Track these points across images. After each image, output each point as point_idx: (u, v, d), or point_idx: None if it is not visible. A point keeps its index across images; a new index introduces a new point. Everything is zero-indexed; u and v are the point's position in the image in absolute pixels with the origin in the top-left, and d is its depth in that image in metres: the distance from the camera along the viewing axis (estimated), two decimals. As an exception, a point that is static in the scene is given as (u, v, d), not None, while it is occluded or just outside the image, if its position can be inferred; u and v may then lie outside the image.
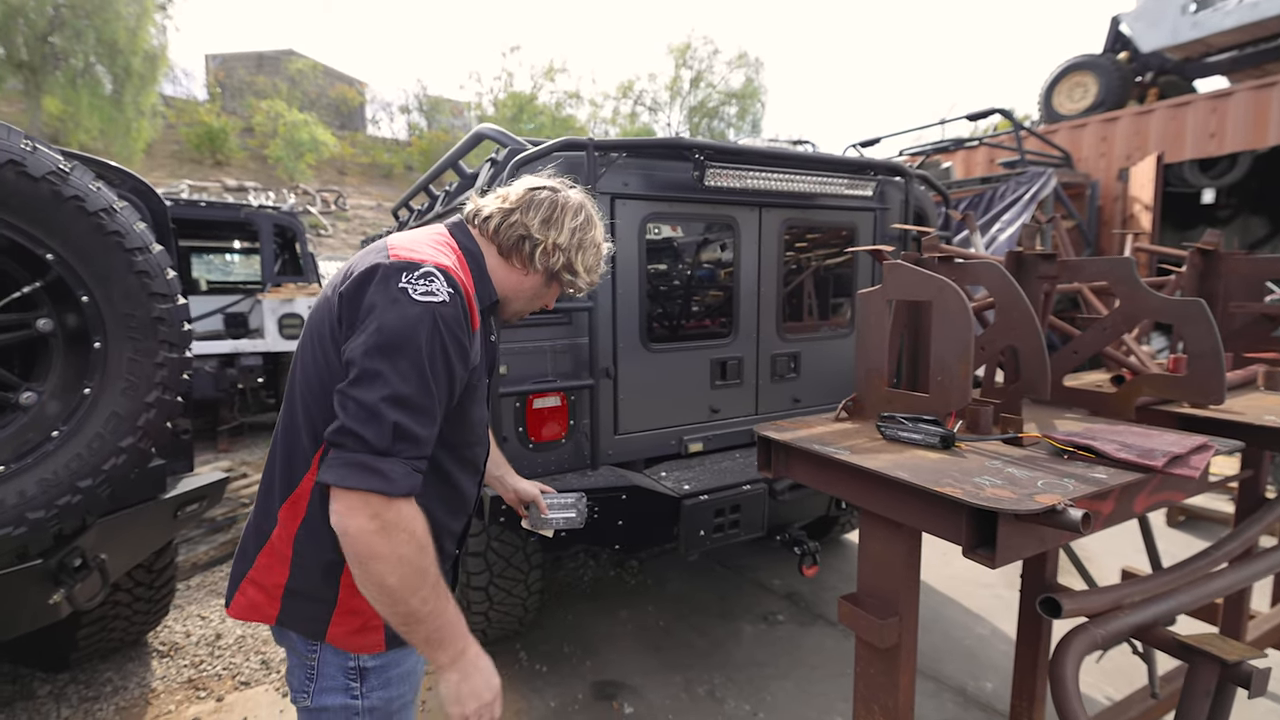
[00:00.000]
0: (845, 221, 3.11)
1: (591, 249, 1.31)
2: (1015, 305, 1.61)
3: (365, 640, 1.19)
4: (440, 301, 1.06)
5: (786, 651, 3.02)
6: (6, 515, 1.96)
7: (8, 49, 17.29)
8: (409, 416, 1.03)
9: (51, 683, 2.84)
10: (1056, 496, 1.22)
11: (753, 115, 33.38)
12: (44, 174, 1.95)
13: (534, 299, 1.35)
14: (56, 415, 2.09)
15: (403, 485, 1.02)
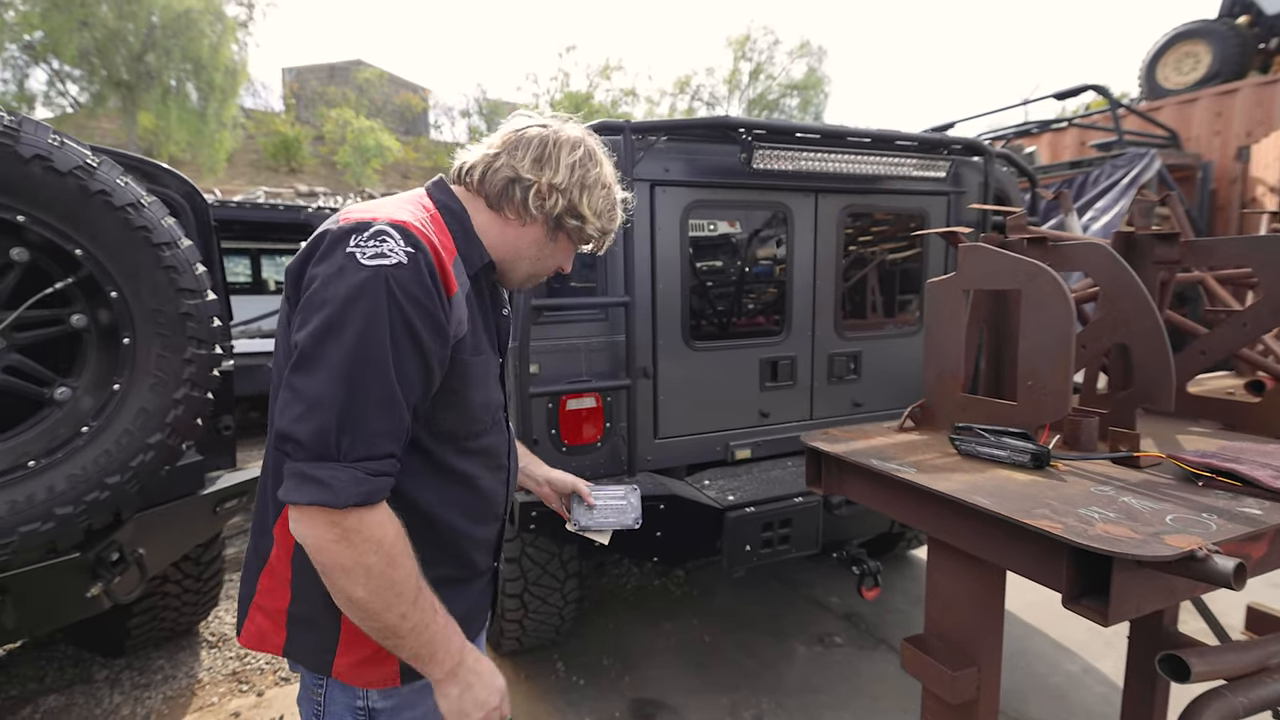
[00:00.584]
0: (914, 207, 2.77)
1: (599, 189, 1.07)
2: (1127, 294, 1.28)
3: (377, 673, 1.02)
4: (395, 263, 0.86)
5: (844, 678, 2.70)
6: (35, 510, 1.93)
7: (109, 70, 18.58)
8: (356, 409, 0.84)
9: (109, 668, 2.87)
10: (1195, 539, 0.91)
11: (815, 106, 32.06)
12: (71, 168, 1.90)
13: (541, 257, 1.11)
14: (88, 411, 2.05)
15: (349, 494, 0.84)
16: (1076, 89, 6.32)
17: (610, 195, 1.10)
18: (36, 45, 17.95)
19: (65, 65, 18.60)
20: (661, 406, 2.41)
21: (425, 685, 1.04)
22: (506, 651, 2.84)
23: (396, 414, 0.88)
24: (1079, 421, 1.31)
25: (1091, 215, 5.07)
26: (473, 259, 1.03)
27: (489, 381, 1.07)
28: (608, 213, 1.10)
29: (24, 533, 1.90)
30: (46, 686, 2.75)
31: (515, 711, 2.53)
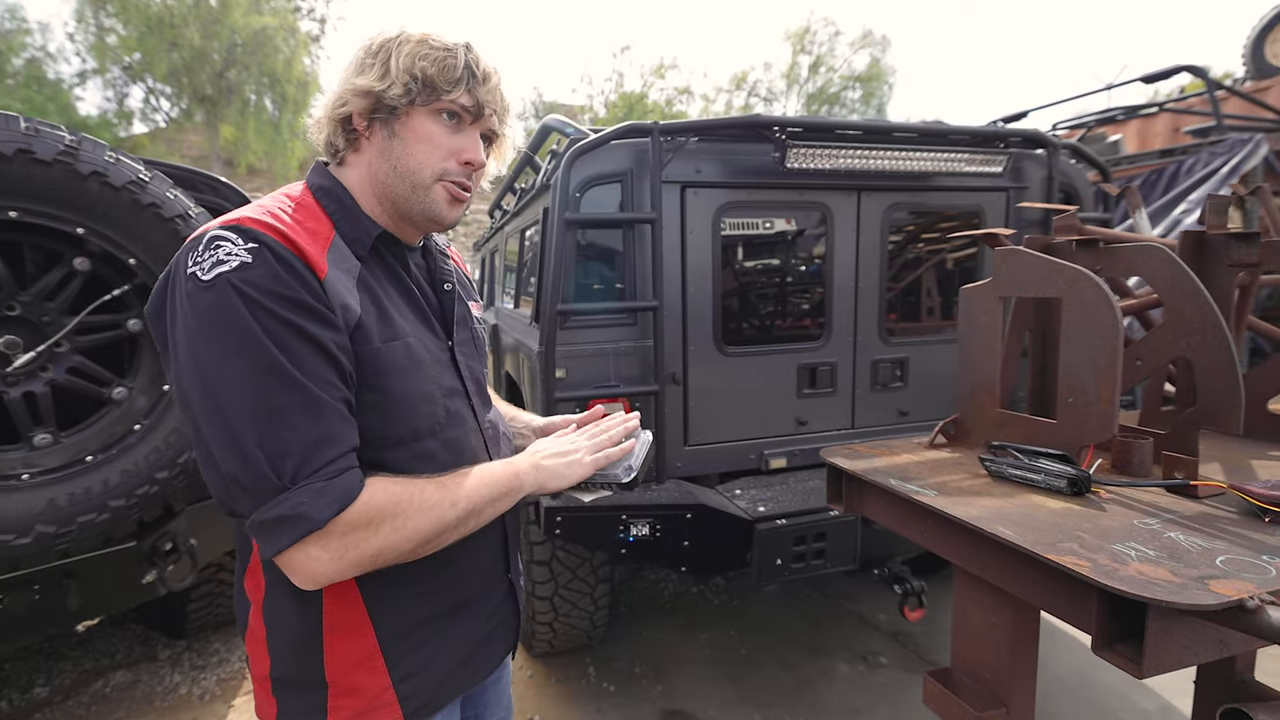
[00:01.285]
0: (968, 204, 2.59)
1: (400, 48, 0.87)
2: (1189, 301, 1.14)
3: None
4: (237, 265, 0.75)
5: (887, 700, 2.55)
6: (92, 502, 2.07)
7: (195, 86, 19.96)
8: (282, 423, 0.75)
9: (171, 648, 3.05)
10: (1247, 585, 0.80)
11: (879, 99, 30.74)
12: (125, 183, 2.03)
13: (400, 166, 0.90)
14: (141, 410, 2.19)
15: (322, 510, 0.75)
16: (1168, 71, 5.77)
17: (424, 44, 0.88)
18: (134, 66, 19.54)
19: (158, 83, 20.17)
20: (692, 413, 2.35)
21: None
22: (538, 654, 2.84)
23: (327, 412, 0.78)
24: (1130, 443, 1.17)
25: (1185, 208, 4.63)
26: (359, 237, 0.91)
27: (420, 369, 0.92)
28: (426, 52, 0.88)
29: (81, 522, 2.04)
30: (117, 663, 2.95)
31: (545, 713, 2.53)
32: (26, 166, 1.87)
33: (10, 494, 1.95)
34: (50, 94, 17.76)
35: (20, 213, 1.90)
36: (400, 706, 0.93)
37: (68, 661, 2.96)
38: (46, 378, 2.08)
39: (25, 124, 1.90)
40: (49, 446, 2.06)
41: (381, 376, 0.87)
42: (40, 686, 2.78)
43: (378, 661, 0.91)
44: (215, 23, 18.99)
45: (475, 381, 1.04)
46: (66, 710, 2.64)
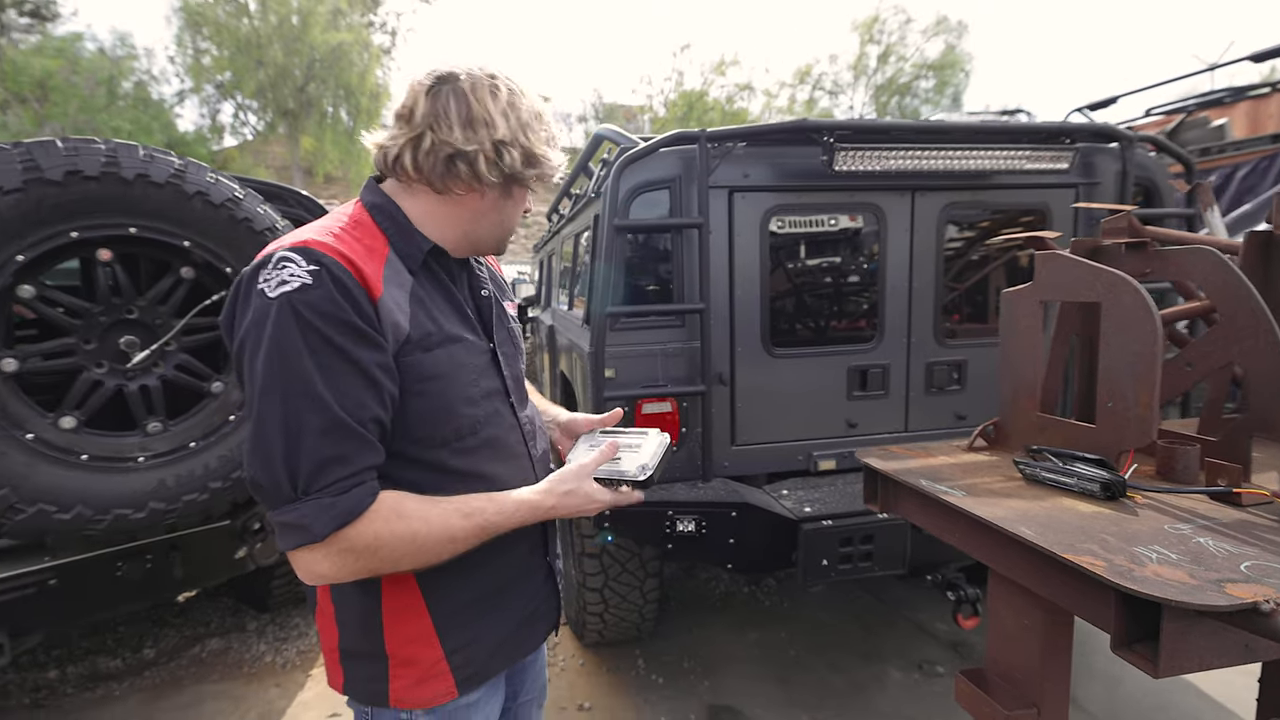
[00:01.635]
0: (1032, 202, 2.51)
1: (536, 121, 0.98)
2: (1240, 307, 1.12)
3: (432, 690, 1.02)
4: (298, 286, 0.83)
5: (943, 711, 2.50)
6: (194, 483, 2.33)
7: (278, 101, 21.49)
8: (304, 441, 0.83)
9: (258, 620, 3.33)
10: (1266, 589, 0.80)
11: (954, 87, 29.32)
12: (223, 201, 2.29)
13: (505, 221, 1.04)
14: (235, 402, 2.44)
15: (322, 525, 0.83)
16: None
17: (545, 118, 1.01)
18: (225, 84, 21.31)
19: (246, 99, 21.88)
20: (739, 413, 2.38)
21: (475, 702, 1.08)
22: (589, 644, 2.93)
23: (345, 436, 0.86)
24: (1174, 449, 1.16)
25: None
26: (412, 252, 0.98)
27: (464, 371, 1.00)
28: (554, 139, 1.02)
29: (186, 501, 2.30)
30: (211, 631, 3.25)
31: (595, 701, 2.63)
32: (144, 188, 2.15)
33: (129, 474, 2.23)
34: (154, 113, 19.39)
35: (139, 228, 2.18)
36: (453, 675, 1.02)
37: (170, 628, 3.28)
38: (158, 373, 2.35)
39: (143, 152, 2.17)
40: (159, 434, 2.33)
41: (426, 382, 0.95)
42: (148, 648, 3.11)
43: (432, 638, 1.01)
44: (296, 40, 20.46)
45: (514, 379, 1.12)
46: (170, 670, 2.93)
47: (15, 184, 1.94)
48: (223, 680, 2.86)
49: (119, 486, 2.20)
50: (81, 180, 2.04)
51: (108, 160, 2.08)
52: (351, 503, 0.85)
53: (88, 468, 2.16)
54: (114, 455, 2.22)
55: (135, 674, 2.90)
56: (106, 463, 2.20)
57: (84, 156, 2.05)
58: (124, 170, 2.10)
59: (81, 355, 2.23)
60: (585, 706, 2.59)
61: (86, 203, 2.07)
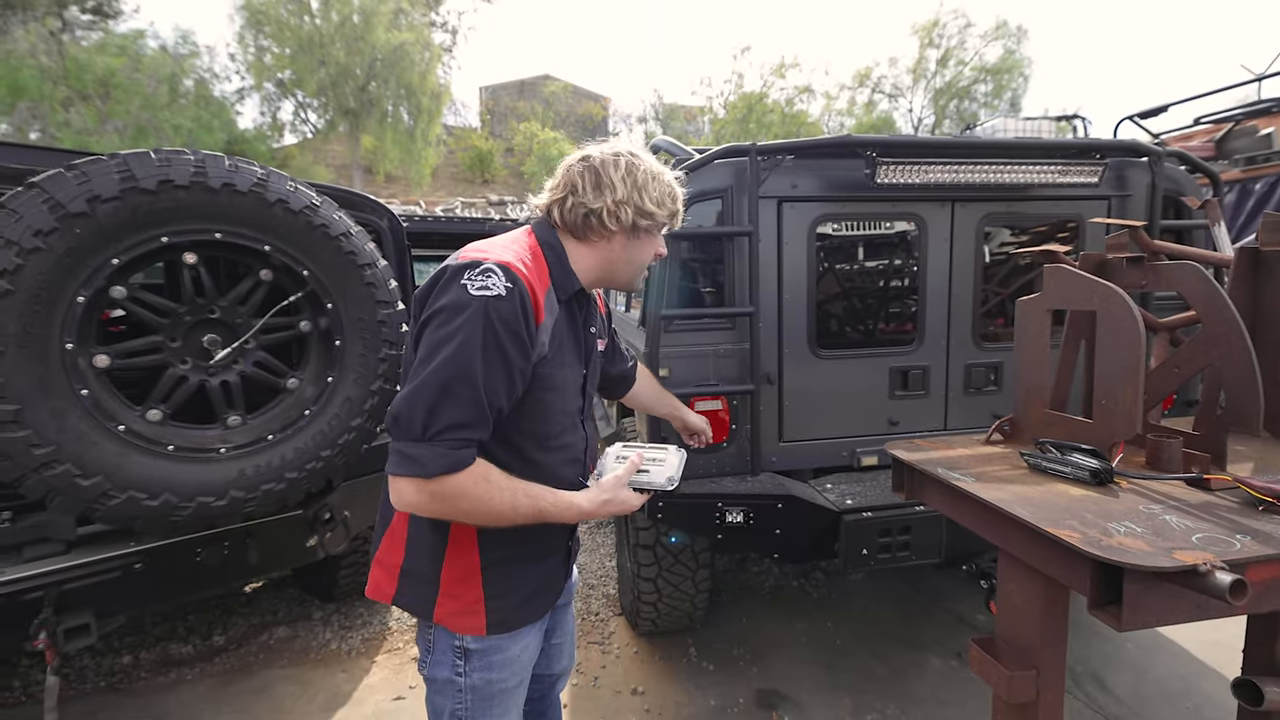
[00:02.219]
0: (1066, 213, 2.74)
1: (651, 183, 1.34)
2: (1217, 315, 1.36)
3: (466, 622, 1.34)
4: (495, 295, 1.16)
5: (977, 695, 2.74)
6: (272, 473, 2.55)
7: (339, 100, 22.21)
8: (449, 402, 1.13)
9: (323, 610, 3.64)
10: (1204, 554, 1.05)
11: (1012, 91, 30.53)
12: (301, 208, 2.51)
13: (634, 258, 1.40)
14: (310, 398, 2.68)
15: (435, 467, 1.13)
16: None
17: (662, 182, 1.36)
18: (286, 83, 22.15)
19: (307, 98, 22.79)
20: (786, 411, 2.65)
21: (513, 635, 1.39)
22: (643, 632, 3.22)
23: (477, 410, 1.16)
24: (1161, 442, 1.40)
25: None
26: (565, 287, 1.34)
27: (568, 390, 1.38)
28: (668, 196, 1.37)
29: (263, 490, 2.51)
30: (279, 619, 3.55)
31: (647, 685, 2.93)
32: (230, 197, 2.36)
33: (211, 464, 2.44)
34: (215, 111, 20.23)
35: (223, 234, 2.40)
36: (486, 616, 1.35)
37: (239, 616, 3.59)
38: (238, 369, 2.57)
39: (229, 163, 2.40)
40: (238, 427, 2.55)
41: (544, 391, 1.31)
42: (218, 635, 3.41)
43: (476, 578, 1.34)
44: (359, 40, 21.21)
45: (589, 399, 1.52)
46: (240, 657, 3.22)
47: (114, 192, 2.15)
48: (290, 666, 3.13)
49: (202, 475, 2.41)
50: (173, 189, 2.25)
51: (196, 170, 2.29)
52: (460, 458, 1.16)
53: (173, 458, 2.37)
54: (197, 446, 2.43)
55: (206, 660, 3.19)
56: (190, 453, 2.41)
57: (175, 167, 2.26)
58: (211, 179, 2.32)
59: (167, 352, 2.45)
60: (639, 690, 2.88)
61: (177, 210, 2.29)
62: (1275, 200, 5.11)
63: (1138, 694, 2.73)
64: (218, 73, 21.67)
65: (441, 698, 1.40)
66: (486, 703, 1.39)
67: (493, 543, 1.34)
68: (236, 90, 22.14)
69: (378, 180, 23.85)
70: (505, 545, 1.35)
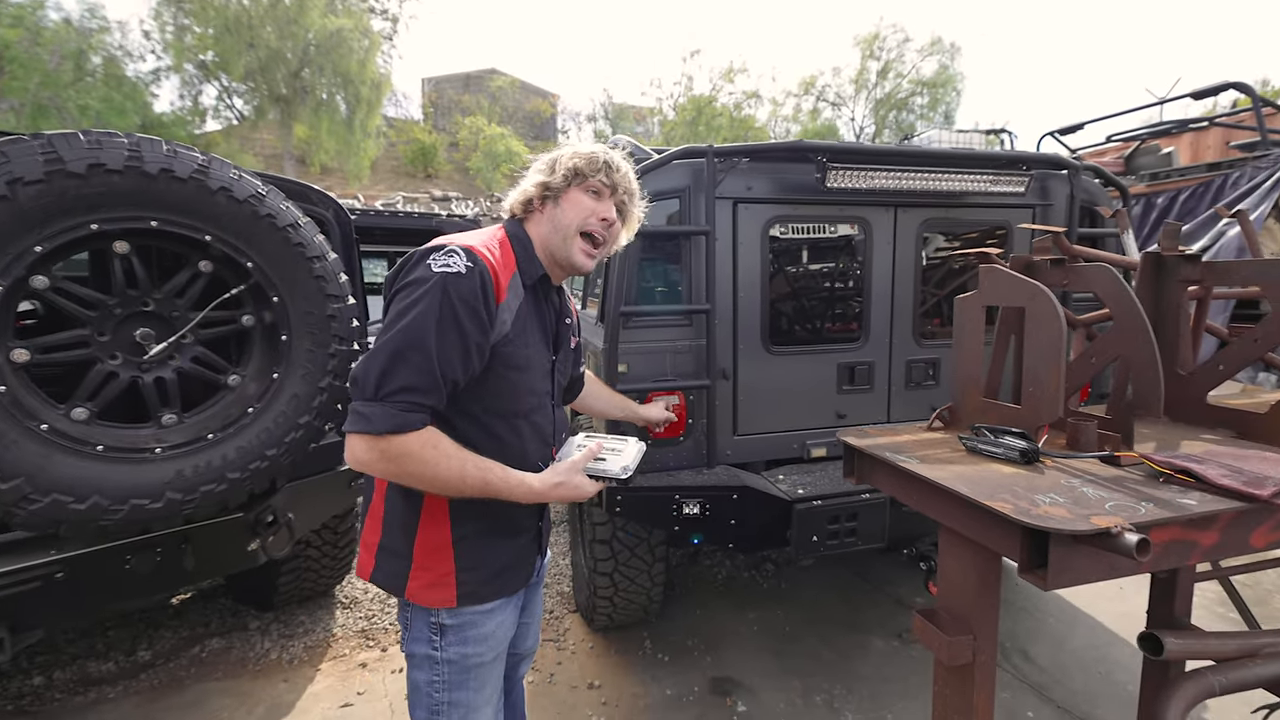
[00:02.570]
0: (996, 220, 3.01)
1: (561, 156, 1.51)
2: (1126, 312, 1.58)
3: (437, 595, 1.44)
4: (455, 272, 1.28)
5: (917, 672, 2.98)
6: (212, 474, 2.49)
7: (269, 85, 21.42)
8: (401, 366, 1.25)
9: (260, 619, 3.58)
10: (1115, 519, 1.24)
11: (946, 105, 32.59)
12: (246, 197, 2.47)
13: (558, 226, 1.50)
14: (253, 395, 2.63)
15: (383, 424, 1.24)
16: (1216, 87, 6.23)
17: (574, 151, 1.51)
18: (209, 64, 21.09)
19: (234, 82, 21.72)
20: (740, 406, 2.81)
21: (487, 611, 1.49)
22: (599, 627, 3.32)
23: (428, 378, 1.26)
24: (1077, 425, 1.61)
25: (1228, 221, 5.05)
26: (530, 272, 1.48)
27: (534, 370, 1.49)
28: (571, 156, 1.50)
29: (204, 492, 2.44)
30: (211, 630, 3.47)
31: (604, 679, 3.05)
32: (168, 183, 2.30)
33: (145, 465, 2.36)
34: (128, 92, 19.07)
35: (160, 222, 2.33)
36: (456, 589, 1.45)
37: (165, 629, 3.48)
38: (174, 365, 2.49)
39: (166, 147, 2.33)
40: (174, 425, 2.47)
41: (508, 369, 1.42)
42: (143, 650, 3.29)
43: (447, 551, 1.44)
44: (292, 23, 20.47)
45: (558, 386, 1.63)
46: (169, 671, 3.12)
47: (37, 175, 2.06)
48: (226, 678, 3.07)
49: (135, 477, 2.32)
50: (105, 173, 2.17)
51: (131, 154, 2.21)
52: (408, 420, 1.26)
53: (103, 458, 2.27)
54: (129, 446, 2.34)
55: (130, 676, 3.08)
56: (122, 453, 2.32)
57: (107, 149, 2.18)
58: (148, 164, 2.25)
59: (95, 347, 2.36)
60: (595, 685, 2.98)
61: (109, 196, 2.21)
62: (1175, 212, 5.83)
63: (1057, 663, 3.04)
64: (131, 51, 20.50)
65: (419, 672, 1.49)
66: (463, 676, 1.49)
67: (463, 516, 1.44)
68: (152, 71, 21.02)
69: (313, 171, 23.03)
70: (476, 519, 1.45)
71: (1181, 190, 5.91)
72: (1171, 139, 7.23)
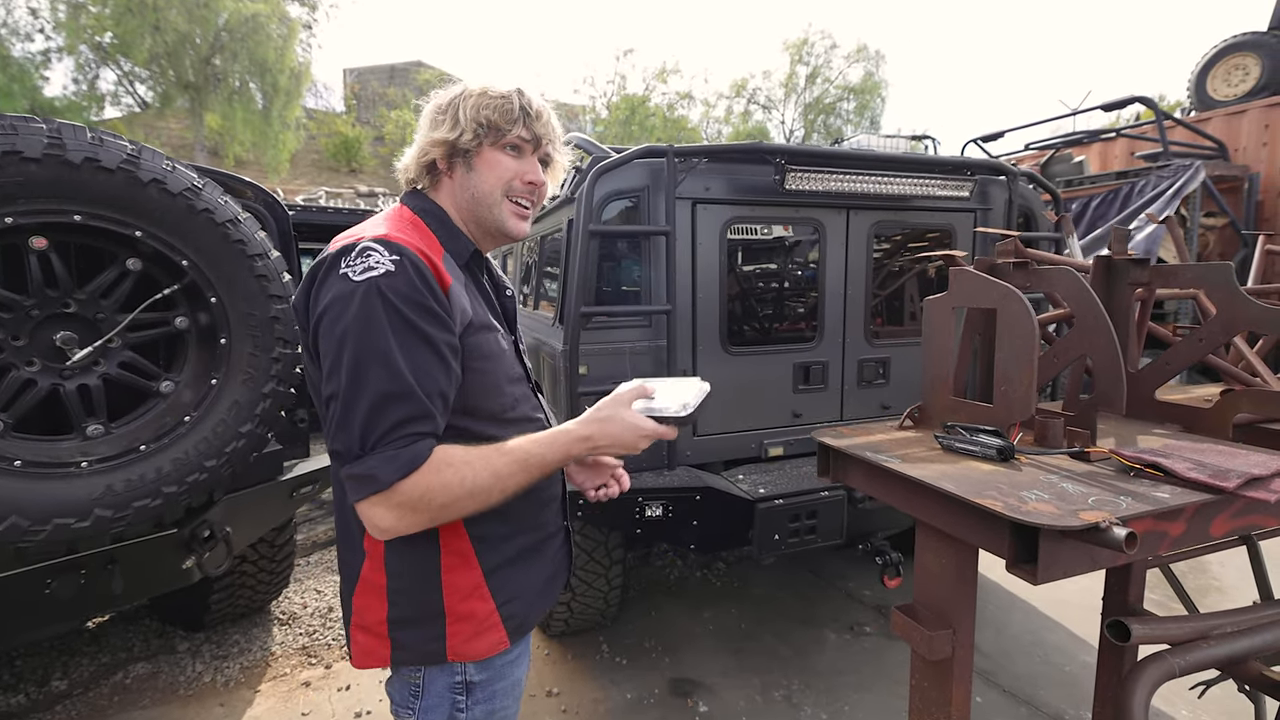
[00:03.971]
0: (941, 223, 3.10)
1: (462, 102, 1.20)
2: (1089, 313, 1.62)
3: (488, 641, 1.19)
4: (382, 273, 1.02)
5: (870, 663, 3.04)
6: (146, 488, 2.29)
7: (177, 72, 20.06)
8: (375, 408, 1.00)
9: (189, 640, 3.34)
10: (1103, 513, 1.26)
11: (871, 111, 33.49)
12: (181, 190, 2.29)
13: (476, 194, 1.22)
14: (189, 403, 2.44)
15: (389, 473, 1.00)
16: (1123, 101, 6.74)
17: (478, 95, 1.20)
18: (107, 47, 19.51)
19: (136, 67, 20.19)
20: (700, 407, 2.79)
21: (515, 659, 1.27)
22: (555, 634, 3.25)
23: (413, 403, 1.01)
24: (1046, 423, 1.64)
25: (1136, 225, 5.43)
26: (459, 251, 1.20)
27: (504, 356, 1.22)
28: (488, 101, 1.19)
29: (136, 508, 2.24)
30: (135, 655, 3.22)
31: (561, 686, 2.97)
32: (92, 174, 2.10)
33: (70, 480, 2.15)
34: (15, 74, 17.52)
35: (84, 216, 2.12)
36: (504, 627, 1.21)
37: (83, 656, 3.20)
38: (99, 372, 2.29)
39: (91, 134, 2.13)
40: (101, 437, 2.27)
41: (483, 360, 1.15)
42: (57, 680, 3.02)
43: (484, 590, 1.19)
44: (202, 7, 19.16)
45: (526, 366, 1.35)
46: (88, 701, 2.88)
47: None
48: (155, 705, 2.87)
49: (60, 493, 2.13)
50: (20, 161, 1.98)
51: (51, 141, 2.02)
52: (413, 455, 1.01)
53: (22, 474, 2.08)
54: (51, 460, 2.15)
55: (44, 709, 2.84)
56: (44, 469, 2.12)
57: (23, 136, 1.98)
58: (70, 153, 2.05)
59: (9, 352, 2.15)
60: (554, 692, 2.91)
61: (26, 186, 2.01)
62: (1088, 217, 6.22)
63: (999, 648, 3.15)
64: (17, 30, 18.70)
65: None
66: None
67: (488, 542, 1.21)
68: (42, 51, 19.25)
69: (227, 164, 21.57)
70: (502, 540, 1.23)
71: (1093, 197, 6.33)
72: (1083, 148, 7.79)
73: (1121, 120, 10.30)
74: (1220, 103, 7.64)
